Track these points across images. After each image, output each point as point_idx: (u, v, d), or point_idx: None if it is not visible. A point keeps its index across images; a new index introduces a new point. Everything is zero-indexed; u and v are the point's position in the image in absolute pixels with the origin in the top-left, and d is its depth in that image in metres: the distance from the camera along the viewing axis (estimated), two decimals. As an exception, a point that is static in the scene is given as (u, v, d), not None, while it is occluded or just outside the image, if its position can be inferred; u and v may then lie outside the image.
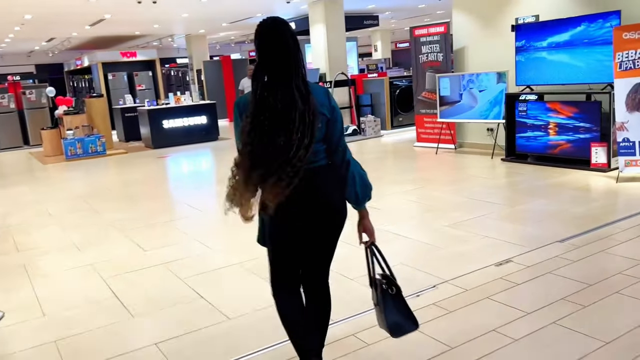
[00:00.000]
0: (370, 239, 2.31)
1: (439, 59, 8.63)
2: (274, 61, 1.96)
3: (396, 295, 2.24)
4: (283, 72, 1.95)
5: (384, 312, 2.23)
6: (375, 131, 10.92)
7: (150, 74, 17.18)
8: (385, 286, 2.25)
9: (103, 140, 11.11)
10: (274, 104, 1.92)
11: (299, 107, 1.93)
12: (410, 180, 6.63)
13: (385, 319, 2.24)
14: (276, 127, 1.92)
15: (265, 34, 2.00)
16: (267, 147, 1.93)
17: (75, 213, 6.21)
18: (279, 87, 1.95)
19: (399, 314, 2.24)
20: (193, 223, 5.39)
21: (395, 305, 2.24)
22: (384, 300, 2.23)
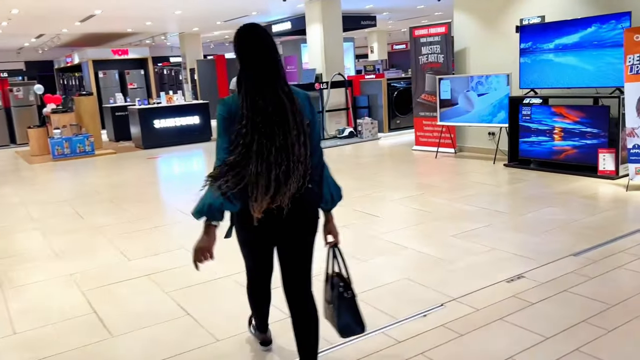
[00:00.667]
0: (335, 240, 2.37)
1: (439, 61, 8.37)
2: (259, 64, 2.00)
3: (351, 299, 2.31)
4: (268, 75, 2.00)
5: (337, 313, 2.29)
6: (372, 134, 10.66)
7: (142, 72, 16.81)
8: (342, 289, 2.30)
9: (91, 140, 10.77)
10: (264, 106, 1.96)
11: (287, 106, 1.99)
12: (411, 186, 6.36)
13: (337, 319, 2.30)
14: (272, 128, 1.96)
15: (248, 38, 2.03)
16: (270, 150, 1.95)
17: (59, 217, 5.89)
18: (265, 89, 1.99)
19: (350, 317, 2.31)
20: (182, 230, 5.09)
21: (348, 309, 2.30)
22: (339, 301, 2.29)
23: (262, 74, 2.00)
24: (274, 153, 1.95)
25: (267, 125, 1.96)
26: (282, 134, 1.97)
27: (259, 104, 1.96)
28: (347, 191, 6.03)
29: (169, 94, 12.33)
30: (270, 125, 1.96)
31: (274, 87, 2.00)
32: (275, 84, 2.01)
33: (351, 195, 5.96)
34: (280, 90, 2.01)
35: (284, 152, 1.97)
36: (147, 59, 16.91)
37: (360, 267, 3.80)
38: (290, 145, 1.98)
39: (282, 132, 1.97)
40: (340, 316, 2.29)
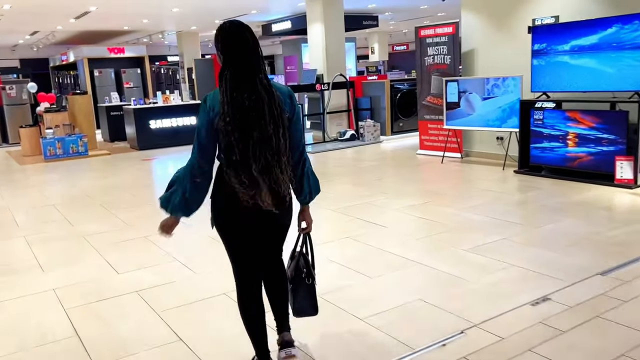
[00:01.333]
0: (308, 228, 2.47)
1: (446, 62, 8.07)
2: (239, 59, 2.06)
3: (310, 285, 2.48)
4: (247, 69, 2.06)
5: (294, 295, 2.47)
6: (374, 137, 10.35)
7: (139, 71, 16.48)
8: (304, 275, 2.46)
9: (85, 141, 10.44)
10: (242, 101, 2.03)
11: (265, 99, 2.05)
12: (417, 193, 6.05)
13: (293, 301, 2.49)
14: (250, 122, 2.04)
15: (229, 34, 2.09)
16: (247, 144, 2.04)
17: (46, 224, 5.57)
18: (244, 83, 2.05)
19: (306, 301, 2.49)
20: (176, 239, 4.75)
21: (306, 294, 2.48)
22: (299, 285, 2.47)
23: (242, 70, 2.06)
24: (251, 147, 2.04)
25: (243, 120, 2.03)
26: (257, 127, 2.04)
27: (237, 99, 2.04)
28: (349, 198, 5.75)
29: (165, 94, 12.02)
30: (246, 120, 2.03)
31: (253, 82, 2.06)
32: (254, 79, 2.07)
33: (354, 202, 5.64)
34: (259, 84, 2.07)
35: (262, 145, 2.05)
36: (144, 58, 16.58)
37: (369, 285, 3.49)
38: (268, 138, 2.05)
39: (258, 125, 2.04)
40: (296, 299, 2.49)
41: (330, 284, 3.50)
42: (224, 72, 2.09)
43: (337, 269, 3.83)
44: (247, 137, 2.04)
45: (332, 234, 4.66)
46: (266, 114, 2.05)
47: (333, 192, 6.22)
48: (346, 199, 5.89)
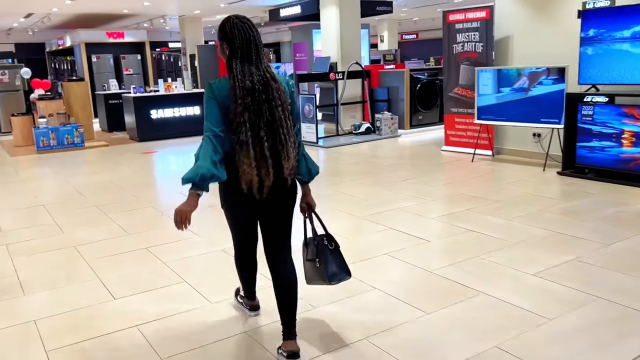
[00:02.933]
0: (311, 209, 2.59)
1: (477, 50, 7.34)
2: (247, 49, 2.26)
3: (334, 250, 2.57)
4: (254, 58, 2.27)
5: (325, 263, 2.52)
6: (392, 130, 9.63)
7: (139, 57, 15.69)
8: (326, 242, 2.57)
9: (81, 131, 9.72)
10: (252, 86, 2.24)
11: (273, 85, 2.28)
12: (454, 197, 5.35)
13: (325, 269, 2.52)
14: (260, 105, 2.24)
15: (237, 26, 2.26)
16: (259, 125, 2.24)
17: (33, 229, 4.87)
18: (253, 71, 2.26)
19: (336, 266, 2.55)
20: (182, 253, 4.08)
21: (334, 259, 2.55)
22: (324, 254, 2.54)
23: (250, 59, 2.25)
24: (263, 127, 2.24)
25: (255, 103, 2.22)
26: (268, 109, 2.25)
27: (248, 84, 2.22)
28: (376, 202, 5.00)
29: (167, 82, 11.27)
30: (258, 103, 2.23)
31: (260, 70, 2.27)
32: (260, 67, 2.27)
33: (383, 208, 4.95)
34: (266, 72, 2.28)
35: (272, 126, 2.26)
36: (145, 43, 15.80)
37: (426, 324, 2.80)
38: (278, 119, 2.26)
39: (269, 108, 2.25)
40: (327, 266, 2.53)
41: (373, 321, 2.83)
42: (232, 61, 2.27)
43: (380, 299, 3.14)
44: (258, 119, 2.24)
45: (366, 249, 3.97)
46: (275, 97, 2.27)
47: (357, 195, 5.52)
48: (373, 203, 5.20)
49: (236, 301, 3.09)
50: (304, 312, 2.97)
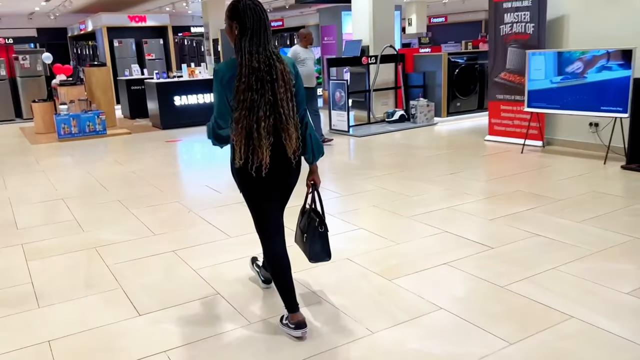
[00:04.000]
0: (315, 187, 2.72)
1: (528, 31, 6.73)
2: (256, 30, 2.32)
3: (323, 233, 2.69)
4: (262, 39, 2.33)
5: (310, 242, 2.70)
6: (427, 118, 9.08)
7: (162, 42, 15.26)
8: (317, 224, 2.67)
9: (103, 118, 9.37)
10: (258, 66, 2.31)
11: (277, 67, 2.35)
12: (510, 194, 4.82)
13: (309, 248, 2.71)
14: (263, 85, 2.32)
15: (249, 8, 2.31)
16: (259, 104, 2.31)
17: (51, 226, 4.50)
18: (260, 51, 2.33)
19: (320, 248, 2.70)
20: (213, 256, 3.66)
21: (319, 241, 2.69)
22: (313, 234, 2.69)
23: (258, 40, 2.32)
24: (262, 106, 2.32)
25: (258, 82, 2.31)
26: (271, 90, 2.34)
27: (254, 64, 2.31)
28: (425, 200, 4.64)
29: (191, 67, 10.85)
30: (261, 83, 2.31)
31: (267, 51, 2.35)
32: (268, 48, 2.35)
33: (433, 207, 4.45)
34: (273, 54, 2.37)
35: (274, 106, 2.35)
36: (167, 28, 15.36)
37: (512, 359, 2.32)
38: (280, 100, 2.35)
39: (271, 88, 2.34)
40: (312, 246, 2.70)
41: (447, 355, 2.35)
42: (242, 40, 2.32)
43: (449, 322, 2.66)
44: (260, 98, 2.31)
45: (421, 257, 3.49)
46: (279, 78, 2.34)
47: (400, 191, 5.03)
48: (419, 201, 4.71)
49: (252, 269, 3.21)
50: (360, 338, 2.52)
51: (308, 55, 7.26)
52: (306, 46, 7.26)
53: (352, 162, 6.47)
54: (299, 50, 7.22)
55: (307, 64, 7.17)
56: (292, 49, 7.32)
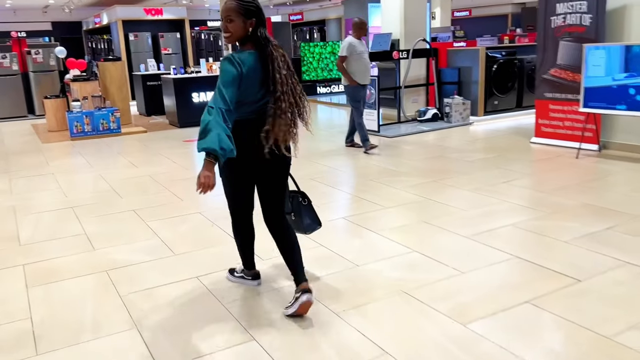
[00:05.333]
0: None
1: (584, 23, 6.07)
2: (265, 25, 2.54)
3: (307, 205, 3.00)
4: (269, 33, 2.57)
5: (300, 217, 2.96)
6: (463, 117, 8.45)
7: (178, 36, 14.75)
8: (300, 198, 2.97)
9: (117, 115, 8.87)
10: (276, 55, 2.48)
11: (287, 56, 2.55)
12: (579, 210, 4.19)
13: (301, 222, 2.97)
14: (284, 73, 2.50)
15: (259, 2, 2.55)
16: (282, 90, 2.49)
17: (57, 242, 3.98)
18: (272, 44, 2.51)
19: (310, 218, 3.01)
20: (245, 288, 3.10)
21: (307, 213, 2.99)
22: (300, 209, 2.96)
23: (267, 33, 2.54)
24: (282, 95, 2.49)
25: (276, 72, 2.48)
26: (288, 79, 2.53)
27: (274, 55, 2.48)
28: (482, 215, 4.02)
29: (209, 62, 10.31)
30: (280, 72, 2.48)
31: (272, 42, 2.53)
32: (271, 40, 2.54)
33: (492, 224, 3.84)
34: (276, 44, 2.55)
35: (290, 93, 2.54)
36: (184, 21, 14.85)
37: None
38: (293, 89, 2.56)
39: (288, 77, 2.53)
40: (302, 219, 2.97)
41: None
42: (257, 31, 2.50)
43: (554, 388, 2.08)
44: (282, 86, 2.48)
45: (492, 292, 2.90)
46: (290, 66, 2.55)
47: (450, 203, 4.43)
48: (475, 216, 4.11)
49: (235, 278, 3.11)
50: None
51: (363, 47, 6.56)
52: (360, 37, 6.53)
53: (387, 166, 5.88)
54: (355, 43, 6.45)
55: (363, 58, 6.49)
56: (347, 42, 6.47)
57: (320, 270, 3.23)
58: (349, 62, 6.40)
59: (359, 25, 6.54)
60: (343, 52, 6.46)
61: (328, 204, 4.67)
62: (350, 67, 6.41)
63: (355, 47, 6.40)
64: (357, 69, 6.42)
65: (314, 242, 3.67)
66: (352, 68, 6.41)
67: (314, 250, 3.55)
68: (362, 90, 6.53)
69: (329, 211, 4.43)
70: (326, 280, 3.11)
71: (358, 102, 6.55)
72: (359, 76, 6.43)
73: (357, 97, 6.53)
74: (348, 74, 6.40)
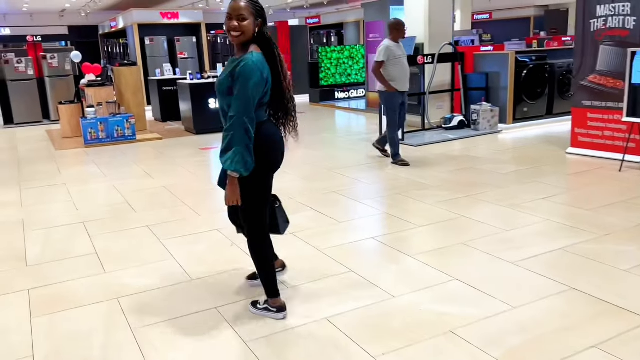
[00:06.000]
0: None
1: (627, 26, 5.68)
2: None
3: (279, 207, 2.94)
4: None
5: (278, 220, 2.89)
6: (491, 125, 8.08)
7: (194, 40, 14.53)
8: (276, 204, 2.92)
9: (132, 122, 8.64)
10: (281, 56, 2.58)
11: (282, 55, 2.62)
12: (636, 232, 3.82)
13: (278, 224, 2.89)
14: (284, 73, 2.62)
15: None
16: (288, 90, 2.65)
17: (66, 262, 3.70)
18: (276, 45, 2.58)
19: (283, 219, 2.95)
20: (270, 322, 2.79)
21: (281, 215, 2.94)
22: (277, 212, 2.90)
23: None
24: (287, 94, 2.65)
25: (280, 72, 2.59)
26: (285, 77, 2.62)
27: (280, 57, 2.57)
28: (523, 236, 3.85)
29: (226, 66, 10.03)
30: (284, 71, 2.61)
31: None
32: None
33: (540, 247, 3.48)
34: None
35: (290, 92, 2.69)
36: (200, 25, 14.63)
37: None
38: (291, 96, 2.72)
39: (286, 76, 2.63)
40: (279, 222, 2.91)
41: None
42: (264, 32, 2.53)
43: None
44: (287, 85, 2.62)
45: (560, 335, 2.54)
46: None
47: (488, 222, 4.08)
48: (518, 237, 3.76)
49: (258, 311, 2.81)
50: None
51: (402, 51, 6.08)
52: (397, 40, 6.06)
53: (415, 179, 5.54)
54: (393, 47, 5.97)
55: (402, 63, 6.02)
56: (384, 46, 5.96)
57: (352, 302, 2.90)
58: (387, 67, 5.93)
59: (396, 27, 6.04)
60: (380, 57, 5.94)
61: (354, 221, 4.34)
62: (387, 73, 5.93)
63: (393, 51, 5.93)
64: (396, 75, 5.95)
65: (342, 266, 3.35)
66: (389, 74, 5.93)
67: (343, 277, 3.23)
68: (399, 97, 6.06)
69: (356, 230, 4.11)
70: (359, 314, 2.78)
71: (394, 112, 6.08)
72: (397, 82, 5.97)
73: (394, 104, 6.06)
74: (385, 80, 5.94)
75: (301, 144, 8.21)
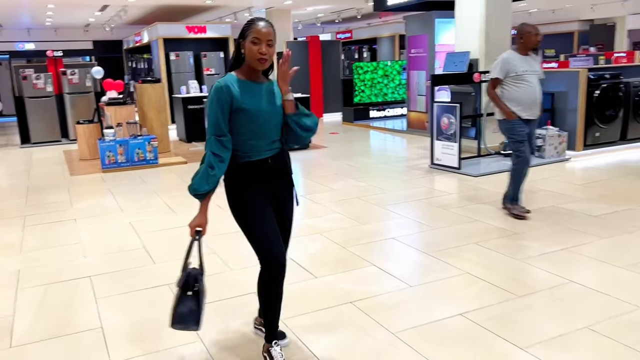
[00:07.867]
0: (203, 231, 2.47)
1: None
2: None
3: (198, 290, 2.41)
4: None
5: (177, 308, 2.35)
6: (558, 152, 7.09)
7: (222, 55, 13.84)
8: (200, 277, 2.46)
9: (155, 145, 7.86)
10: None
11: None
12: None
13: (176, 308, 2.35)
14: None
15: None
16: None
17: (62, 341, 2.84)
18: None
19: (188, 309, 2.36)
20: None
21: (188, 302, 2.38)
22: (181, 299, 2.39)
23: None
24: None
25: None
26: None
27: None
28: None
29: (256, 84, 9.24)
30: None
31: None
32: None
33: None
34: None
35: None
36: (228, 39, 13.93)
37: None
38: None
39: None
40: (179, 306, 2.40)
41: None
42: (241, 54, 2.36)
43: None
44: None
45: None
46: None
47: (613, 293, 3.11)
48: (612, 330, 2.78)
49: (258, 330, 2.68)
50: None
51: (530, 66, 4.53)
52: (526, 52, 4.58)
53: (490, 221, 4.59)
54: (515, 59, 4.53)
55: (528, 81, 4.49)
56: (501, 59, 4.61)
57: None
58: (505, 86, 4.57)
59: (526, 35, 4.49)
60: (494, 72, 4.60)
61: (430, 285, 3.40)
62: (507, 94, 4.56)
63: (513, 66, 4.50)
64: (518, 96, 4.51)
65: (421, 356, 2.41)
66: (509, 94, 4.54)
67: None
68: (525, 127, 4.59)
69: (436, 301, 3.17)
70: None
71: (521, 144, 4.59)
72: (520, 107, 4.54)
73: (519, 135, 4.59)
74: (502, 103, 4.58)
75: (338, 170, 7.34)
